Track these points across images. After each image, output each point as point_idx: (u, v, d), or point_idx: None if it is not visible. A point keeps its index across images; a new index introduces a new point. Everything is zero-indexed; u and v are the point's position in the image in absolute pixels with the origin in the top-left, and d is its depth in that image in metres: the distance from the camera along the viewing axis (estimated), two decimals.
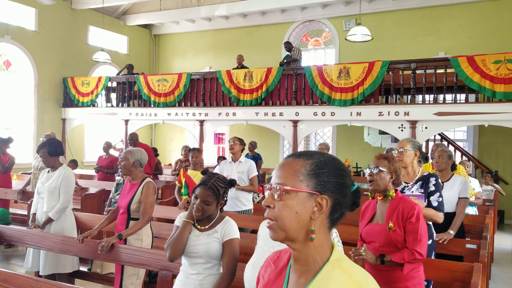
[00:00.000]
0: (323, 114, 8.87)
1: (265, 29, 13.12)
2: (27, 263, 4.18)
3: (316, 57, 13.14)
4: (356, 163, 11.25)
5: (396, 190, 2.77)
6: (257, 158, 9.07)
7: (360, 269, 1.15)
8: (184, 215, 2.63)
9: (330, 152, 12.20)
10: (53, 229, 4.11)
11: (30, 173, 7.45)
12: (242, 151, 5.47)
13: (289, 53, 10.57)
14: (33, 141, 11.23)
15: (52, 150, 4.15)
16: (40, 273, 4.00)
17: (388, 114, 8.26)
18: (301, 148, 10.83)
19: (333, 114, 8.78)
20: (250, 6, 12.05)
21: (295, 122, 9.16)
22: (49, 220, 4.09)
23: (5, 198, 6.86)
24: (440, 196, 3.34)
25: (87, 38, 12.78)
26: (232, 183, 2.70)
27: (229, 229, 2.58)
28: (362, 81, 8.42)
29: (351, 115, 8.60)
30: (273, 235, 1.16)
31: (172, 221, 5.83)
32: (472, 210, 5.76)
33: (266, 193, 1.19)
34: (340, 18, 12.13)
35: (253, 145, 9.51)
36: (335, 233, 2.27)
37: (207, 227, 2.59)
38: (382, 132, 10.22)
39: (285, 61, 10.38)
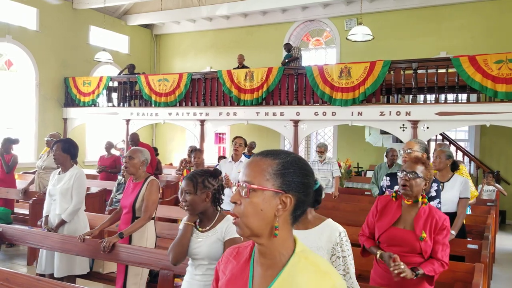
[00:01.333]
0: (324, 114, 8.86)
1: (265, 29, 13.11)
2: (40, 265, 4.11)
3: (317, 56, 13.13)
4: (357, 163, 11.25)
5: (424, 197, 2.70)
6: None
7: (324, 259, 1.24)
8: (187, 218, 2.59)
9: (330, 152, 12.21)
10: (66, 230, 4.07)
11: (32, 173, 7.47)
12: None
13: (289, 53, 10.57)
14: (35, 141, 11.24)
15: (66, 147, 4.11)
16: (55, 276, 3.95)
17: (390, 114, 8.25)
18: (302, 148, 10.84)
19: (334, 114, 8.76)
20: (251, 6, 12.05)
21: (295, 122, 9.16)
22: (62, 222, 4.06)
23: (8, 198, 6.88)
24: (440, 203, 3.38)
25: (88, 38, 12.79)
26: (216, 173, 2.61)
27: (230, 227, 2.48)
28: (363, 80, 8.41)
29: (352, 115, 8.59)
30: (239, 231, 1.21)
31: (173, 220, 5.84)
32: (467, 210, 5.75)
33: (234, 189, 1.24)
34: (341, 17, 12.13)
35: (252, 146, 9.56)
36: (343, 232, 2.25)
37: (207, 228, 2.52)
38: (383, 132, 10.21)
39: (286, 60, 10.37)
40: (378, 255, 2.68)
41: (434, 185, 3.39)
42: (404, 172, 2.66)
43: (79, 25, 12.45)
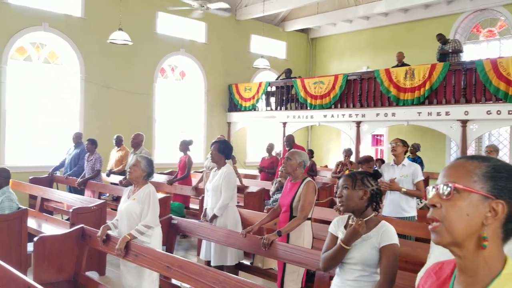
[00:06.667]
0: (499, 112, 7.88)
1: (428, 23, 12.21)
2: (202, 253, 4.65)
3: (489, 49, 11.74)
4: None
5: None
6: (417, 162, 8.46)
7: None
8: (343, 221, 2.51)
9: (506, 156, 10.77)
10: (217, 223, 4.45)
11: (201, 172, 8.24)
12: (405, 154, 5.17)
13: (443, 46, 9.71)
14: (204, 143, 12.38)
15: (222, 147, 4.55)
16: (211, 264, 4.36)
17: None
18: (471, 151, 9.80)
19: (510, 112, 7.74)
20: (412, 0, 11.34)
21: (464, 122, 8.32)
22: (214, 216, 4.45)
23: (183, 194, 7.71)
24: None
25: (249, 46, 13.63)
26: (376, 174, 2.53)
27: (386, 233, 2.35)
28: None
29: None
30: (437, 237, 1.09)
31: (328, 222, 5.81)
32: None
33: (430, 193, 1.10)
34: None
35: (415, 148, 8.92)
36: None
37: None
38: None
39: (450, 51, 9.48)
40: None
41: None
42: None
43: (241, 35, 13.36)
